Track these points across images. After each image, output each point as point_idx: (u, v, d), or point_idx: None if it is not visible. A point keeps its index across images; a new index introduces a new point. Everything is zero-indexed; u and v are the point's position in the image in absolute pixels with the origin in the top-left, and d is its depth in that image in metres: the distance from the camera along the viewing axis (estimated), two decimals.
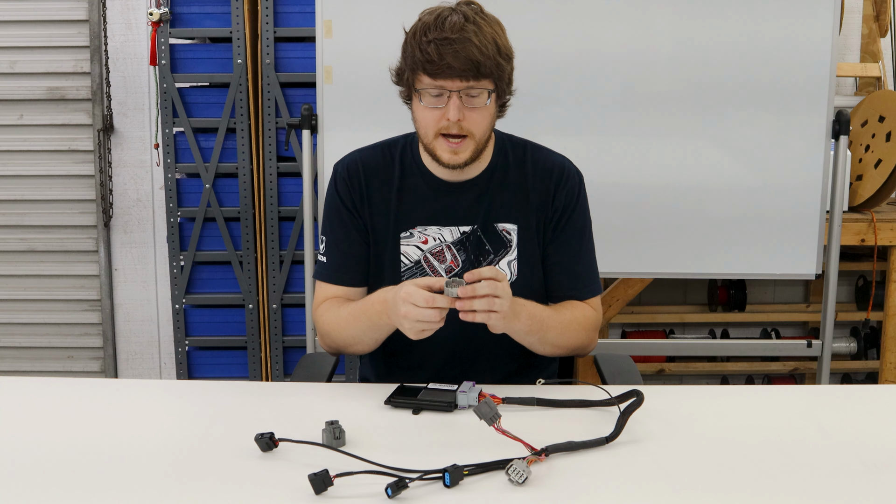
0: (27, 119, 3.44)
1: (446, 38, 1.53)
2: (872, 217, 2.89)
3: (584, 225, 1.75)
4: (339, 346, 1.71)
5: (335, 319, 1.68)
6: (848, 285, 3.60)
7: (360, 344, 1.68)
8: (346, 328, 1.66)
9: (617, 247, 2.50)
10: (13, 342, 3.59)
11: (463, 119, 1.58)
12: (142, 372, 3.65)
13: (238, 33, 3.02)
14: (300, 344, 3.15)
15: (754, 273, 2.62)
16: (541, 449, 1.26)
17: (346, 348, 1.71)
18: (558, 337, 1.66)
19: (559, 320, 1.66)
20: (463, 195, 1.71)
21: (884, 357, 2.98)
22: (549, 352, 1.69)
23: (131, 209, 3.53)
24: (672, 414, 1.46)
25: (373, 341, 1.66)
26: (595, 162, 2.42)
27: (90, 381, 1.79)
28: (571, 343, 1.69)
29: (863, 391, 1.73)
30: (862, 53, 3.45)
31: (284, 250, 3.12)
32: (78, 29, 3.39)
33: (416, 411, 1.47)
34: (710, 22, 2.46)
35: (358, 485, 1.18)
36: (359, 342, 1.67)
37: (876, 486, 1.22)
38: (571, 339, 1.69)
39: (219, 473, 1.25)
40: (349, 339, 1.67)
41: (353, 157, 1.77)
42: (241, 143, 3.07)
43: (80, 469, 1.26)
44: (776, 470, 1.26)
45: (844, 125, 2.50)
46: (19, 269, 3.53)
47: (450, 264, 1.71)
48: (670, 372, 3.46)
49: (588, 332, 1.72)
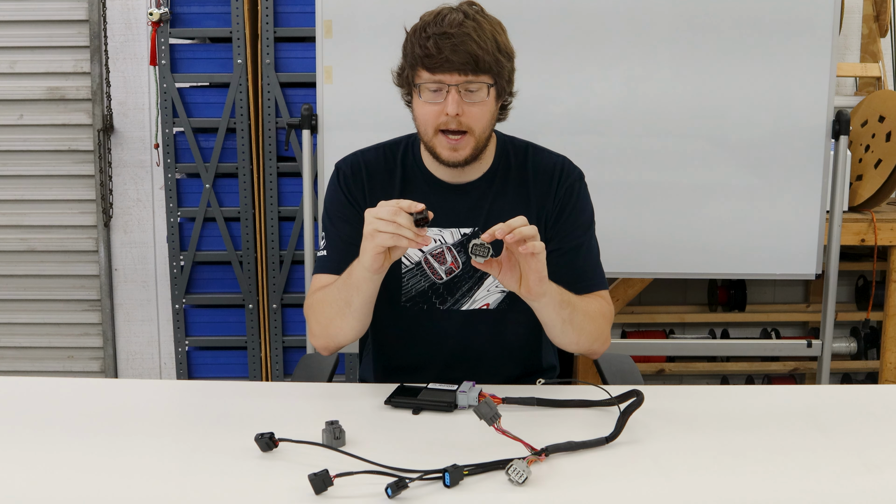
0: (27, 119, 3.44)
1: (445, 33, 1.54)
2: (872, 217, 2.89)
3: (585, 221, 1.74)
4: (322, 324, 1.63)
5: (320, 295, 1.64)
6: (848, 285, 3.60)
7: (340, 315, 1.60)
8: (327, 295, 1.61)
9: (617, 247, 2.49)
10: (13, 342, 3.59)
11: (462, 114, 1.58)
12: (142, 372, 3.65)
13: (238, 33, 3.02)
14: (300, 344, 3.15)
15: (754, 273, 2.62)
16: (541, 449, 1.26)
17: (328, 325, 1.63)
18: (585, 319, 1.61)
19: (584, 303, 1.63)
20: (464, 197, 1.71)
21: (884, 357, 2.98)
22: (575, 339, 1.63)
23: (131, 209, 3.53)
24: (672, 414, 1.46)
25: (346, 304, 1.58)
26: (595, 162, 2.42)
27: (90, 381, 1.79)
28: (594, 331, 1.64)
29: (863, 391, 1.73)
30: (862, 53, 3.45)
31: (284, 250, 3.12)
32: (78, 29, 3.39)
33: (416, 411, 1.47)
34: (711, 23, 2.46)
35: (358, 485, 1.18)
36: (338, 311, 1.59)
37: (876, 486, 1.22)
38: (594, 328, 1.64)
39: (219, 473, 1.25)
40: (329, 309, 1.61)
41: (356, 156, 1.77)
42: (241, 143, 3.07)
43: (81, 470, 1.26)
44: (776, 470, 1.26)
45: (844, 125, 2.50)
46: (19, 269, 3.53)
47: (450, 266, 1.71)
48: (670, 372, 3.46)
49: (608, 322, 1.69)
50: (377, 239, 1.45)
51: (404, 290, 1.72)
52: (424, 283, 1.72)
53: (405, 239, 1.43)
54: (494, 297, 1.72)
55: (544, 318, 1.59)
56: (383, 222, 1.44)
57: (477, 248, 1.42)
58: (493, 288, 1.71)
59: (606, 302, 1.71)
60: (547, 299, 1.53)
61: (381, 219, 1.44)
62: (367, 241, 1.48)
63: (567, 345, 1.66)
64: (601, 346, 1.69)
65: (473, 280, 1.71)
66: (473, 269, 1.70)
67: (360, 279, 1.55)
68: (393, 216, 1.43)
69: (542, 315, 1.58)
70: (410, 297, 1.72)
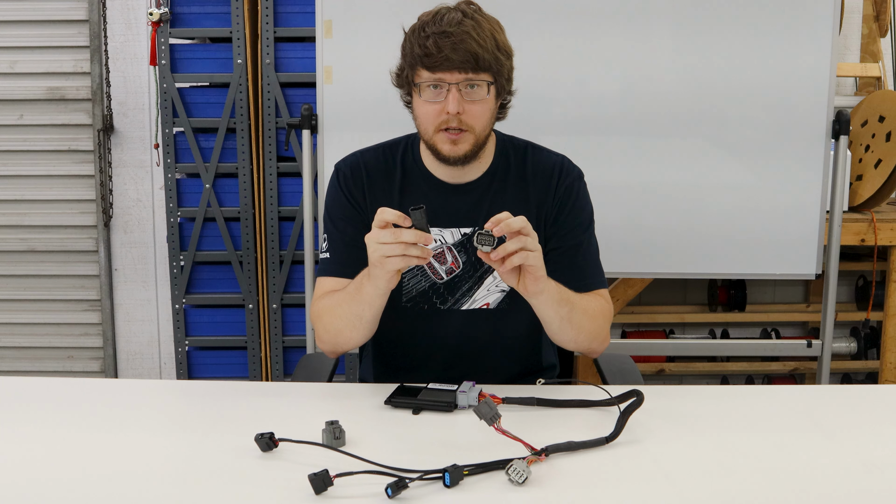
0: (27, 119, 3.44)
1: (444, 32, 1.54)
2: (872, 217, 2.89)
3: (585, 220, 1.74)
4: (332, 333, 1.65)
5: (329, 304, 1.65)
6: (848, 285, 3.60)
7: (351, 328, 1.61)
8: (337, 307, 1.62)
9: (617, 247, 2.49)
10: (13, 342, 3.59)
11: (462, 112, 1.58)
12: (142, 372, 3.65)
13: (238, 33, 3.02)
14: (300, 344, 3.15)
15: (754, 273, 2.62)
16: (541, 449, 1.26)
17: (338, 335, 1.64)
18: (583, 317, 1.61)
19: (583, 301, 1.63)
20: (464, 196, 1.71)
21: (884, 357, 2.98)
22: (573, 337, 1.63)
23: (131, 209, 3.53)
24: (672, 414, 1.46)
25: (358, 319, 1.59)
26: (595, 162, 2.41)
27: (90, 381, 1.79)
28: (593, 330, 1.64)
29: (863, 391, 1.72)
30: (862, 53, 3.45)
31: (284, 250, 3.12)
32: (78, 29, 3.39)
33: (416, 411, 1.47)
34: (710, 23, 2.46)
35: (358, 485, 1.18)
36: (349, 324, 1.61)
37: (876, 486, 1.22)
38: (593, 326, 1.64)
39: (219, 473, 1.25)
40: (340, 322, 1.62)
41: (356, 156, 1.77)
42: (241, 143, 3.07)
43: (80, 469, 1.26)
44: (776, 470, 1.26)
45: (844, 125, 2.50)
46: (19, 269, 3.53)
47: (450, 266, 1.71)
48: (670, 372, 3.46)
49: (607, 321, 1.68)
50: (388, 265, 1.44)
51: (405, 290, 1.72)
52: (425, 284, 1.72)
53: (415, 259, 1.43)
54: (494, 296, 1.72)
55: (542, 316, 1.59)
56: (388, 246, 1.42)
57: (483, 238, 1.42)
58: (493, 287, 1.71)
59: (606, 301, 1.71)
60: (545, 297, 1.53)
61: (386, 243, 1.42)
62: (376, 268, 1.46)
63: (565, 342, 1.65)
64: (600, 344, 1.69)
65: (473, 280, 1.71)
66: (473, 269, 1.70)
67: (372, 297, 1.55)
68: (396, 238, 1.42)
69: (541, 312, 1.58)
70: (411, 298, 1.72)
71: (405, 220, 1.42)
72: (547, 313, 1.57)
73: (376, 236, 1.44)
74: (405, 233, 1.41)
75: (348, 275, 1.65)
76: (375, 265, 1.46)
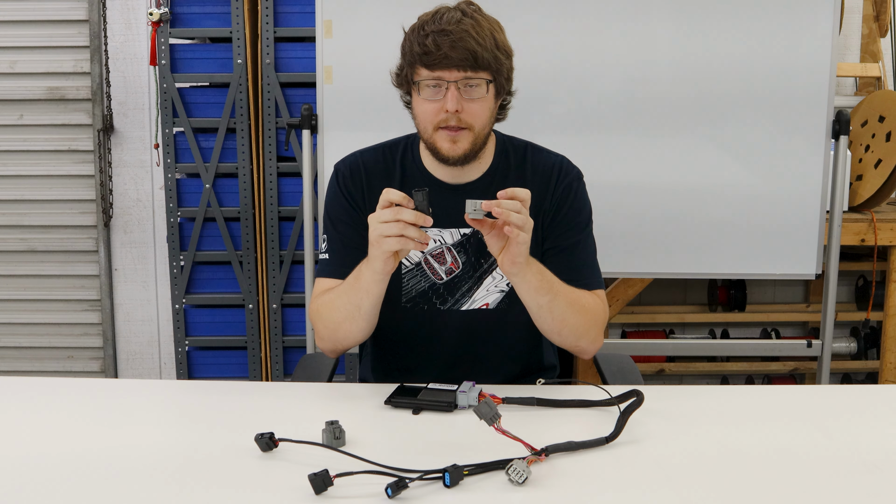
0: (27, 119, 3.44)
1: (444, 31, 1.54)
2: (872, 217, 2.89)
3: (583, 220, 1.74)
4: (331, 328, 1.65)
5: (327, 298, 1.65)
6: (848, 285, 3.60)
7: (350, 319, 1.61)
8: (335, 300, 1.63)
9: (617, 247, 2.50)
10: (13, 342, 3.59)
11: (461, 110, 1.58)
12: (142, 372, 3.65)
13: (238, 33, 3.02)
14: (300, 344, 3.15)
15: (754, 273, 2.62)
16: (541, 449, 1.26)
17: (337, 330, 1.64)
18: (567, 310, 1.60)
19: (568, 292, 1.62)
20: (464, 197, 1.70)
21: (884, 357, 2.98)
22: (556, 329, 1.62)
23: (131, 209, 3.53)
24: (672, 414, 1.46)
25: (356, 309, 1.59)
26: (595, 162, 2.42)
27: (90, 381, 1.79)
28: (579, 325, 1.63)
29: (863, 391, 1.72)
30: (862, 53, 3.45)
31: (284, 250, 3.12)
32: (78, 29, 3.39)
33: (416, 411, 1.47)
34: (710, 22, 2.46)
35: (358, 485, 1.18)
36: (347, 315, 1.61)
37: (876, 487, 1.22)
38: (579, 321, 1.63)
39: (219, 473, 1.25)
40: (338, 314, 1.62)
41: (355, 157, 1.77)
42: (241, 143, 3.07)
43: (80, 469, 1.26)
44: (776, 470, 1.26)
45: (844, 125, 2.50)
46: (19, 269, 3.53)
47: (450, 266, 1.71)
48: (670, 372, 3.46)
49: (596, 320, 1.67)
50: (384, 245, 1.46)
51: (405, 290, 1.72)
52: (425, 284, 1.72)
53: (412, 241, 1.44)
54: (494, 296, 1.72)
55: (524, 301, 1.60)
56: (387, 225, 1.44)
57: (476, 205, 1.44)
58: (493, 288, 1.71)
59: (600, 300, 1.70)
60: (519, 280, 1.54)
61: (385, 221, 1.44)
62: (374, 248, 1.48)
63: (549, 333, 1.65)
64: (589, 344, 1.68)
65: (473, 280, 1.71)
66: (473, 270, 1.70)
67: (369, 282, 1.55)
68: (396, 216, 1.43)
69: (521, 297, 1.59)
70: (411, 298, 1.72)
71: (409, 203, 1.45)
72: (524, 299, 1.59)
73: (378, 215, 1.46)
74: (405, 212, 1.43)
75: (347, 276, 1.65)
76: (373, 244, 1.48)
